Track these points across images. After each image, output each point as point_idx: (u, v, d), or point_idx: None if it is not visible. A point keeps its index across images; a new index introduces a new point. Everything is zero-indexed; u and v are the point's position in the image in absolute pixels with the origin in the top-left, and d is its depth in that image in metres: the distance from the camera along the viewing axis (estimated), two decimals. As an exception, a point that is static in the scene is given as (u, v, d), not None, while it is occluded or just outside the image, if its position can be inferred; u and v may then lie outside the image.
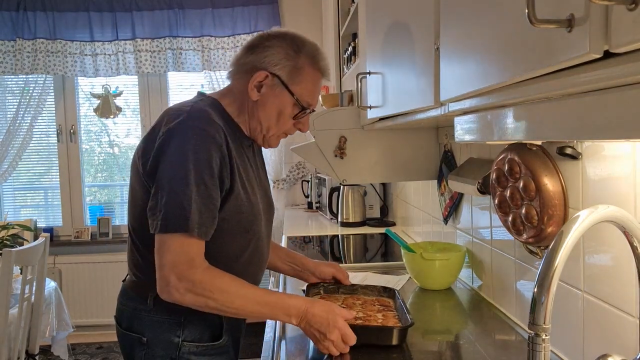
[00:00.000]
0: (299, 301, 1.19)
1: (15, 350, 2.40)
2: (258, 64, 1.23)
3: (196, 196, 1.11)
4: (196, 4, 3.93)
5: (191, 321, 1.23)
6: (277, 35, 1.26)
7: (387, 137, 2.01)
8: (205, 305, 1.13)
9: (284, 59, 1.23)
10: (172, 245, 1.11)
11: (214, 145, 1.14)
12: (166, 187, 1.12)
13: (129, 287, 1.28)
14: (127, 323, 1.27)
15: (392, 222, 3.06)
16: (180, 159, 1.12)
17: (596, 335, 1.04)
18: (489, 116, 0.79)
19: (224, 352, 1.28)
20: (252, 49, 1.26)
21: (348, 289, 1.55)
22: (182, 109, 1.18)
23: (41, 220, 4.18)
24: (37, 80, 3.93)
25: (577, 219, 0.69)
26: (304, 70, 1.26)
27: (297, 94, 1.26)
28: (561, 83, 0.56)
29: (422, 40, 1.04)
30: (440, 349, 1.29)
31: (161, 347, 1.23)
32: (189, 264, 1.11)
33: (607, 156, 0.99)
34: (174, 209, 1.10)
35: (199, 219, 1.11)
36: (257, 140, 1.32)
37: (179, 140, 1.13)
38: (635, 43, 0.43)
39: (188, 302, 1.12)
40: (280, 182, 4.09)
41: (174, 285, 1.10)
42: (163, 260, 1.11)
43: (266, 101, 1.25)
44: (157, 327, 1.23)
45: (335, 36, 3.18)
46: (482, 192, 1.47)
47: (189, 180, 1.11)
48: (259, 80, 1.23)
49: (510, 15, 0.62)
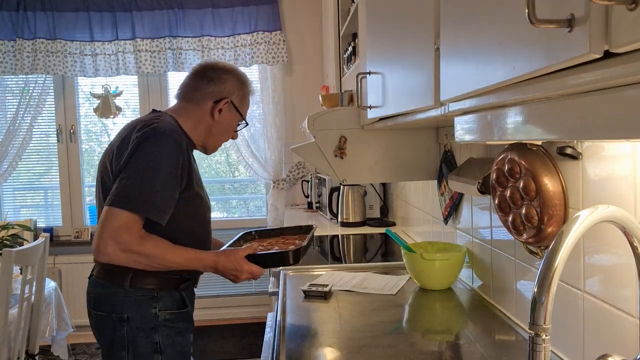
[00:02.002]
0: (209, 255, 1.51)
1: (15, 350, 2.40)
2: (221, 93, 1.61)
3: (161, 187, 1.40)
4: (196, 4, 3.93)
5: (162, 295, 1.51)
6: (228, 71, 1.65)
7: (387, 137, 2.01)
8: (137, 262, 1.41)
9: (236, 89, 1.63)
10: (119, 217, 1.37)
11: (179, 150, 1.45)
12: (133, 176, 1.40)
13: (103, 277, 1.51)
14: (107, 307, 1.49)
15: (392, 222, 3.06)
16: (151, 157, 1.41)
17: (596, 335, 1.04)
18: (489, 116, 0.79)
19: (188, 317, 1.60)
20: (211, 81, 1.61)
21: (277, 232, 1.86)
22: (152, 120, 1.48)
23: (41, 220, 4.18)
24: (37, 80, 3.94)
25: (577, 219, 0.69)
26: (247, 96, 1.68)
27: (243, 113, 1.67)
28: (561, 83, 0.56)
29: (422, 40, 1.04)
30: (440, 349, 1.29)
31: (142, 319, 1.48)
32: (130, 233, 1.38)
33: (607, 156, 0.99)
34: (134, 191, 1.38)
35: (160, 204, 1.40)
36: (207, 149, 1.67)
37: (151, 142, 1.42)
38: (635, 43, 0.43)
39: (123, 260, 1.40)
40: (280, 182, 4.10)
41: (112, 248, 1.37)
42: (107, 227, 1.37)
43: (223, 120, 1.62)
44: (136, 304, 1.48)
45: (335, 36, 3.18)
46: (482, 192, 1.47)
47: (158, 174, 1.40)
48: (221, 106, 1.60)
49: (510, 15, 0.62)
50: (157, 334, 1.48)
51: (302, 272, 2.03)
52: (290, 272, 2.04)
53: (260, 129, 4.07)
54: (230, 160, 4.40)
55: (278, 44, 3.95)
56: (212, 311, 4.24)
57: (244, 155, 4.06)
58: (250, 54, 3.94)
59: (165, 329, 1.50)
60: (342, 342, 1.32)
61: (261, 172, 4.07)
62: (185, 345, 1.56)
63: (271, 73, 4.00)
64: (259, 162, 4.06)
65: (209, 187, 4.43)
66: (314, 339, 1.35)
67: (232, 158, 4.34)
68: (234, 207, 4.47)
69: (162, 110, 1.61)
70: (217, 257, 1.51)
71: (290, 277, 1.96)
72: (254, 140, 4.07)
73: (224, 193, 4.45)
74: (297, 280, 1.90)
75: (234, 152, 4.12)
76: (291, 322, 1.48)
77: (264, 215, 4.29)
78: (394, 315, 1.52)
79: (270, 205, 4.09)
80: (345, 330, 1.40)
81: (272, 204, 4.09)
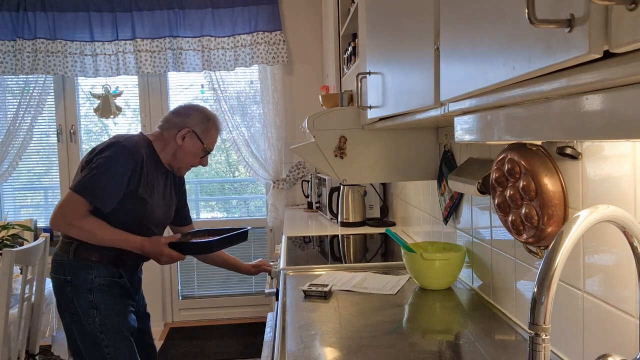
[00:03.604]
0: (137, 239, 1.90)
1: (15, 350, 2.40)
2: (184, 123, 2.00)
3: (107, 183, 1.83)
4: (196, 4, 3.93)
5: (98, 265, 1.90)
6: (196, 108, 2.06)
7: (387, 137, 2.01)
8: (77, 234, 1.85)
9: (200, 123, 2.01)
10: (71, 198, 1.82)
11: (132, 159, 1.86)
12: (91, 171, 1.82)
13: (60, 248, 1.95)
14: (60, 272, 1.92)
15: (392, 222, 3.06)
16: (108, 159, 1.84)
17: (596, 335, 1.04)
18: (489, 116, 0.79)
19: (124, 285, 1.96)
20: (179, 114, 2.03)
21: (220, 231, 2.16)
22: (124, 136, 1.94)
23: (41, 220, 4.18)
24: (37, 80, 3.94)
25: (577, 219, 0.69)
26: (211, 131, 2.05)
27: (206, 144, 2.04)
28: (561, 83, 0.56)
29: (422, 40, 1.04)
30: (440, 349, 1.29)
31: (81, 282, 1.88)
32: (75, 210, 1.82)
33: (607, 156, 0.99)
34: (89, 182, 1.82)
35: (102, 195, 1.83)
36: (174, 170, 2.06)
37: (112, 150, 1.86)
38: (635, 43, 0.43)
39: (65, 230, 1.86)
40: (280, 182, 4.10)
41: (59, 219, 1.83)
42: (61, 204, 1.83)
43: (186, 146, 2.00)
44: (76, 270, 1.89)
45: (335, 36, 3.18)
46: (482, 192, 1.47)
47: (109, 173, 1.83)
48: (183, 133, 1.99)
49: (510, 15, 0.62)
50: (92, 294, 1.88)
51: (302, 272, 2.03)
52: (291, 272, 2.04)
53: (260, 129, 4.07)
54: (230, 160, 4.40)
55: (278, 44, 3.95)
56: (212, 311, 4.24)
57: (244, 155, 4.06)
58: (250, 54, 3.94)
59: (99, 292, 1.89)
60: (342, 342, 1.32)
61: (261, 172, 4.07)
62: (122, 307, 1.94)
63: (271, 73, 4.00)
64: (259, 162, 4.06)
65: (209, 187, 4.43)
66: (314, 339, 1.35)
67: (232, 158, 4.34)
68: (234, 207, 4.47)
69: (145, 133, 2.04)
70: (144, 241, 1.90)
71: (290, 277, 1.96)
72: (254, 140, 4.07)
73: (224, 193, 4.45)
74: (297, 280, 1.90)
75: (234, 152, 4.12)
76: (291, 322, 1.48)
77: (263, 215, 4.29)
78: (394, 315, 1.52)
79: (270, 205, 4.09)
80: (345, 330, 1.40)
81: (272, 204, 4.09)
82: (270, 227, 4.15)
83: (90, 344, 1.89)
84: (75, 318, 1.89)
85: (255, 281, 4.27)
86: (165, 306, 4.22)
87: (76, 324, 1.89)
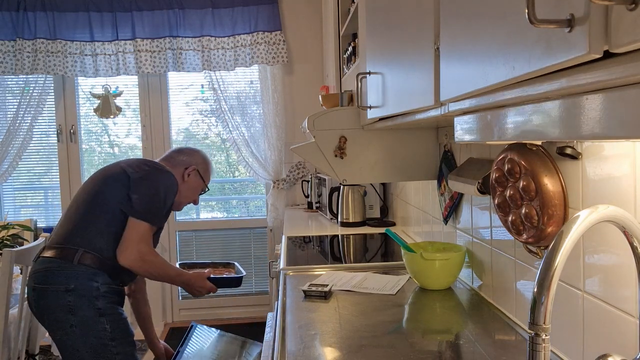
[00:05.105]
0: (187, 275, 2.10)
1: (15, 350, 2.40)
2: (190, 162, 2.23)
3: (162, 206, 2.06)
4: (196, 4, 3.92)
5: (101, 272, 1.91)
6: (197, 150, 2.29)
7: (387, 137, 2.01)
8: (149, 271, 1.98)
9: (201, 163, 2.25)
10: (140, 228, 1.96)
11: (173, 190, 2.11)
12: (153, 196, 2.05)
13: (55, 255, 1.91)
14: (52, 280, 1.87)
15: (392, 222, 3.06)
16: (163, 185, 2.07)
17: (596, 335, 1.04)
18: (489, 116, 0.79)
19: (121, 292, 2.03)
20: (184, 153, 2.24)
21: (204, 264, 2.48)
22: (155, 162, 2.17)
23: (41, 220, 4.18)
24: (37, 80, 3.93)
25: (577, 219, 0.69)
26: (208, 171, 2.29)
27: (206, 182, 2.28)
28: (561, 83, 0.56)
29: (422, 40, 1.04)
30: (440, 349, 1.29)
31: (86, 290, 1.87)
32: (149, 246, 1.98)
33: (607, 156, 0.99)
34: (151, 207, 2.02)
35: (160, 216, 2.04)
36: (174, 204, 2.18)
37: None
38: (635, 43, 0.43)
39: (141, 269, 1.96)
40: (280, 182, 4.10)
41: (138, 259, 1.93)
42: (141, 243, 1.94)
43: (190, 182, 2.22)
44: (80, 277, 1.87)
45: (335, 36, 3.18)
46: (482, 192, 1.47)
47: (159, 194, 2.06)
48: (190, 171, 2.20)
49: (510, 15, 0.62)
50: (99, 301, 1.89)
51: (302, 272, 2.03)
52: (291, 272, 2.04)
53: (260, 129, 4.07)
54: (230, 160, 4.40)
55: (278, 44, 3.95)
56: (212, 311, 4.24)
57: (244, 155, 4.06)
58: (250, 54, 3.94)
59: (104, 298, 1.91)
60: (342, 342, 1.32)
61: (261, 172, 4.07)
62: (123, 313, 1.99)
63: (271, 73, 4.00)
64: (259, 162, 4.06)
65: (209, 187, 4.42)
66: (314, 339, 1.35)
67: (232, 158, 4.34)
68: (234, 207, 4.47)
69: None
70: (190, 276, 2.11)
71: (290, 277, 1.96)
72: (254, 140, 4.07)
73: (224, 193, 4.45)
74: (297, 280, 1.90)
75: (234, 152, 4.12)
76: (291, 322, 1.48)
77: (263, 215, 4.29)
78: (394, 315, 1.52)
79: (270, 205, 4.09)
80: (345, 330, 1.40)
81: (272, 204, 4.09)
82: (270, 227, 4.15)
83: (97, 354, 1.86)
84: (77, 329, 1.85)
85: (255, 281, 4.27)
86: (165, 306, 4.22)
87: (76, 335, 1.85)
